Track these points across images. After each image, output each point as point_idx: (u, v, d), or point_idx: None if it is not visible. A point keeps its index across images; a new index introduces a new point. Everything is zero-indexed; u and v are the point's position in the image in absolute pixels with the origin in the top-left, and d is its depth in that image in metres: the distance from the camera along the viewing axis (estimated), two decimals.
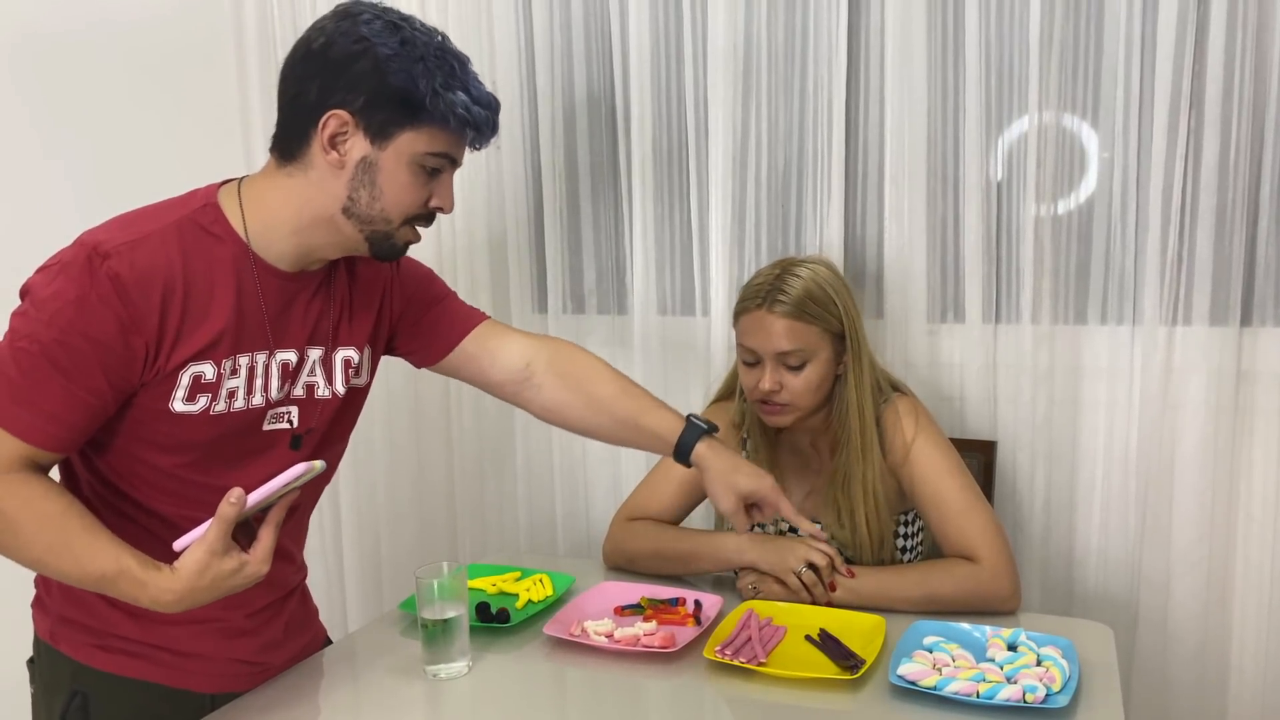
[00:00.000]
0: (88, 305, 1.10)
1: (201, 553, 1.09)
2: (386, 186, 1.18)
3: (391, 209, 1.20)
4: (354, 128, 1.15)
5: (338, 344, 1.32)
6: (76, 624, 1.26)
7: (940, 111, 1.81)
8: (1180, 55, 1.63)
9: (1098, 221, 1.77)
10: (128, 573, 1.10)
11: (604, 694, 1.33)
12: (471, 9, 2.08)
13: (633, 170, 2.00)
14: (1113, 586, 1.80)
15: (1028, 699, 1.19)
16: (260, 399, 1.24)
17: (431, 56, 1.15)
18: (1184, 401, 1.71)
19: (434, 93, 1.14)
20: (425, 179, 1.20)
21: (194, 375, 1.18)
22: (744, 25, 1.88)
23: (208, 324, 1.17)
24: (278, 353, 1.25)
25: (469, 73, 1.19)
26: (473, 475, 2.25)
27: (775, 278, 1.54)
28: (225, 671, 1.33)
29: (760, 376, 1.53)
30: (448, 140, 1.18)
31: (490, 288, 2.18)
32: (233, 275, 1.19)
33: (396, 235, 1.23)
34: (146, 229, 1.15)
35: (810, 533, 1.47)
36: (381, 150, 1.17)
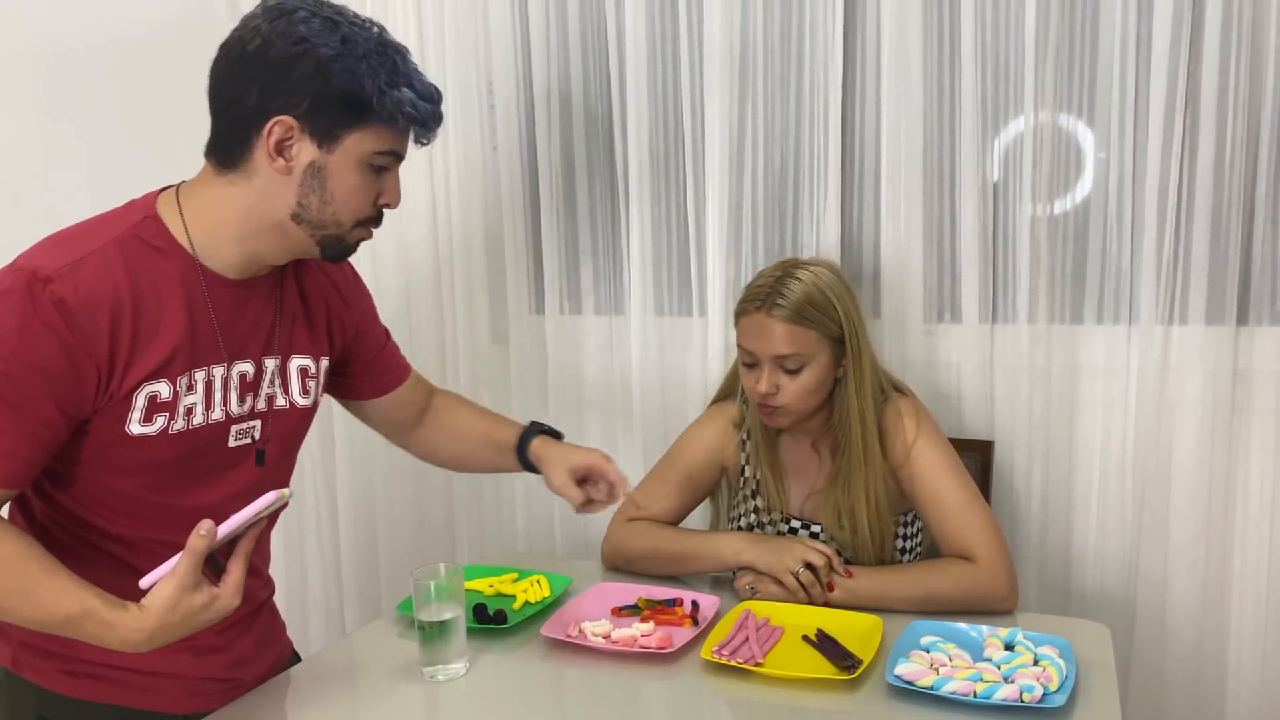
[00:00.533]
0: (32, 333, 1.05)
1: (172, 589, 1.05)
2: (337, 190, 1.15)
3: (343, 212, 1.17)
4: (300, 133, 1.12)
5: (292, 352, 1.30)
6: (39, 650, 1.22)
7: (936, 112, 1.82)
8: (1176, 55, 1.63)
9: (1094, 221, 1.77)
10: (93, 614, 1.05)
11: (601, 695, 1.33)
12: (468, 9, 2.08)
13: (629, 171, 2.00)
14: (1110, 586, 1.81)
15: (1025, 698, 1.19)
16: (220, 413, 1.21)
17: (374, 54, 1.11)
18: (1181, 401, 1.71)
19: (379, 92, 1.11)
20: (374, 178, 1.18)
21: (149, 395, 1.14)
22: (740, 25, 1.89)
23: (159, 342, 1.13)
24: (235, 365, 1.22)
25: (410, 66, 1.16)
26: (470, 476, 2.25)
27: (776, 280, 1.53)
28: (196, 690, 1.29)
29: (758, 378, 1.53)
30: (395, 138, 1.16)
31: (487, 289, 2.18)
32: (181, 289, 1.15)
33: (349, 237, 1.21)
34: (86, 248, 1.10)
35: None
36: (330, 154, 1.13)
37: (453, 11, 2.08)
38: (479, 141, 2.13)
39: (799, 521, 1.65)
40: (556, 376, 2.14)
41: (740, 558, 1.54)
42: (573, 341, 2.14)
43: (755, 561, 1.52)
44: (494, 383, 2.21)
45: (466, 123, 2.12)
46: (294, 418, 1.32)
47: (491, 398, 2.21)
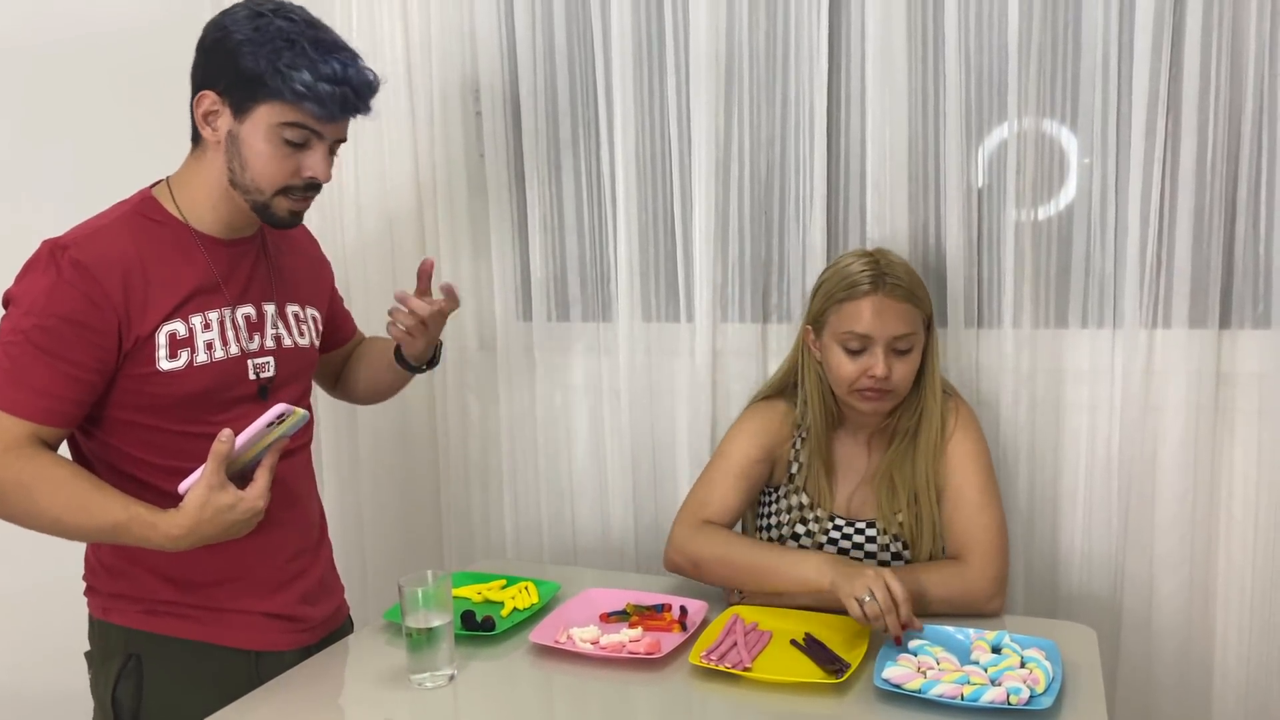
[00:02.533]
0: (58, 290, 1.25)
1: (201, 489, 1.22)
2: (250, 158, 1.33)
3: (259, 179, 1.34)
4: (222, 105, 1.32)
5: (285, 299, 1.49)
6: (126, 597, 1.39)
7: (921, 117, 1.82)
8: (1157, 60, 1.64)
9: (1078, 226, 1.78)
10: (138, 517, 1.23)
11: (590, 701, 1.33)
12: (454, 16, 2.08)
13: (616, 177, 2.00)
14: (1096, 588, 1.81)
15: (1012, 701, 1.20)
16: (236, 349, 1.40)
17: (281, 40, 1.28)
18: (1165, 404, 1.72)
19: (275, 71, 1.28)
20: (288, 150, 1.33)
21: (169, 334, 1.32)
22: (725, 32, 1.89)
23: (169, 290, 1.33)
24: (238, 308, 1.41)
25: (327, 52, 1.30)
26: (458, 483, 2.24)
27: (874, 264, 1.54)
28: (265, 627, 1.44)
29: (870, 364, 1.51)
30: (298, 113, 1.30)
31: (475, 295, 2.18)
32: (181, 250, 1.36)
33: (273, 205, 1.36)
34: (98, 224, 1.33)
35: None
36: (241, 124, 1.32)
37: (439, 19, 2.08)
38: (465, 149, 2.14)
39: (844, 520, 1.64)
40: (544, 383, 2.14)
41: (823, 579, 1.42)
42: (560, 347, 2.14)
43: (837, 584, 1.39)
44: (482, 389, 2.21)
45: (452, 130, 2.12)
46: (300, 357, 1.51)
47: (479, 404, 2.21)
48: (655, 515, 2.07)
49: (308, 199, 1.40)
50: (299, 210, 1.40)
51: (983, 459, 1.58)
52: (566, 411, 2.14)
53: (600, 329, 2.10)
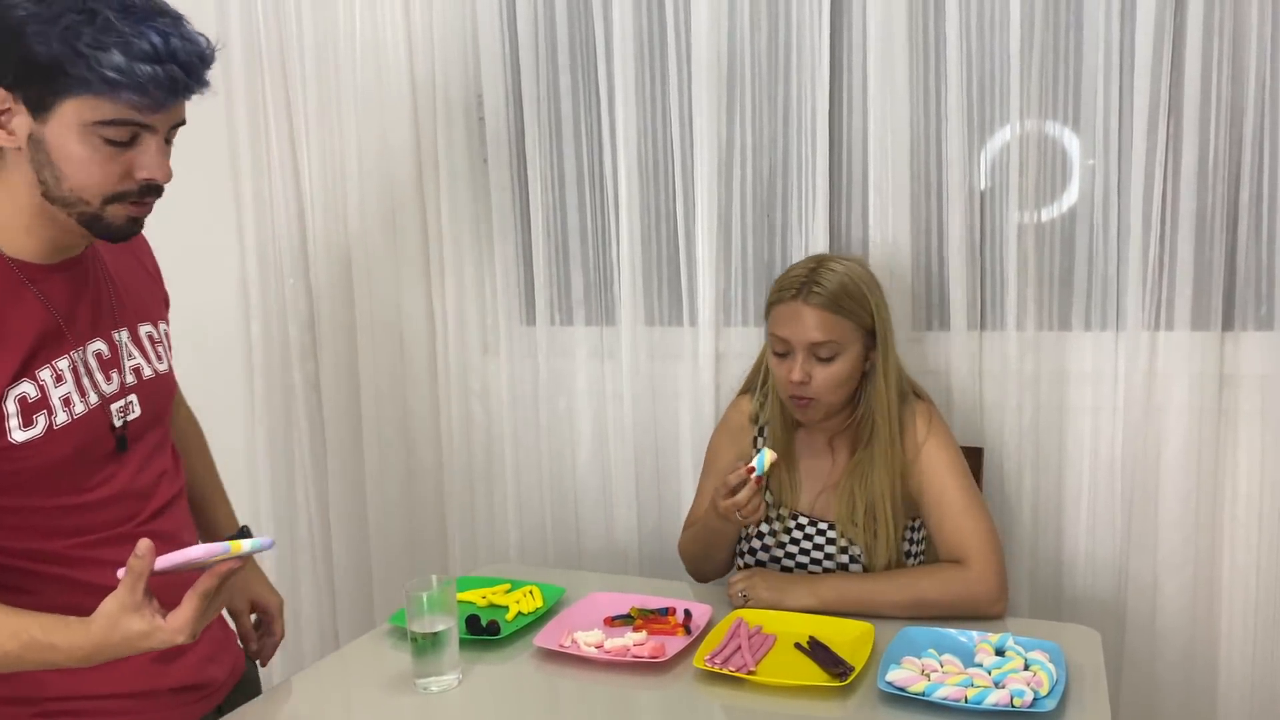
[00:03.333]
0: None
1: (113, 606, 1.01)
2: (63, 164, 1.06)
3: (81, 189, 1.07)
4: (14, 102, 1.04)
5: (135, 321, 1.26)
6: (15, 700, 1.16)
7: (923, 120, 1.83)
8: (1159, 63, 1.65)
9: (1080, 228, 1.78)
10: (34, 644, 1.03)
11: (595, 705, 1.33)
12: (456, 22, 2.09)
13: (619, 181, 2.01)
14: (1100, 590, 1.81)
15: (1015, 703, 1.20)
16: (95, 396, 1.17)
17: (75, 12, 1.00)
18: (1168, 406, 1.72)
19: (75, 55, 1.00)
20: (112, 150, 1.06)
21: (18, 399, 1.09)
22: (727, 36, 1.90)
23: (8, 345, 1.09)
24: (89, 345, 1.18)
25: (139, 22, 1.02)
26: (463, 488, 2.25)
27: (811, 270, 1.56)
28: (175, 703, 1.26)
29: (791, 367, 1.55)
30: (116, 106, 1.03)
31: (478, 300, 2.19)
32: (7, 290, 1.10)
33: (106, 215, 1.09)
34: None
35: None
36: (44, 125, 1.04)
37: (441, 24, 2.09)
38: (468, 153, 2.14)
39: (806, 519, 1.65)
40: (548, 387, 2.14)
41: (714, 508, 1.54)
42: (564, 352, 2.14)
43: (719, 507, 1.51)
44: (485, 394, 2.21)
45: (455, 135, 2.13)
46: (163, 386, 1.28)
47: (483, 409, 2.22)
48: (659, 518, 2.08)
49: (147, 203, 1.12)
50: (139, 216, 1.12)
51: (958, 463, 1.58)
52: (570, 415, 2.15)
53: (603, 333, 2.10)
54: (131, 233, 1.14)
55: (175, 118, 1.10)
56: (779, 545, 1.66)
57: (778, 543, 1.66)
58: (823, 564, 1.62)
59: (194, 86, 1.07)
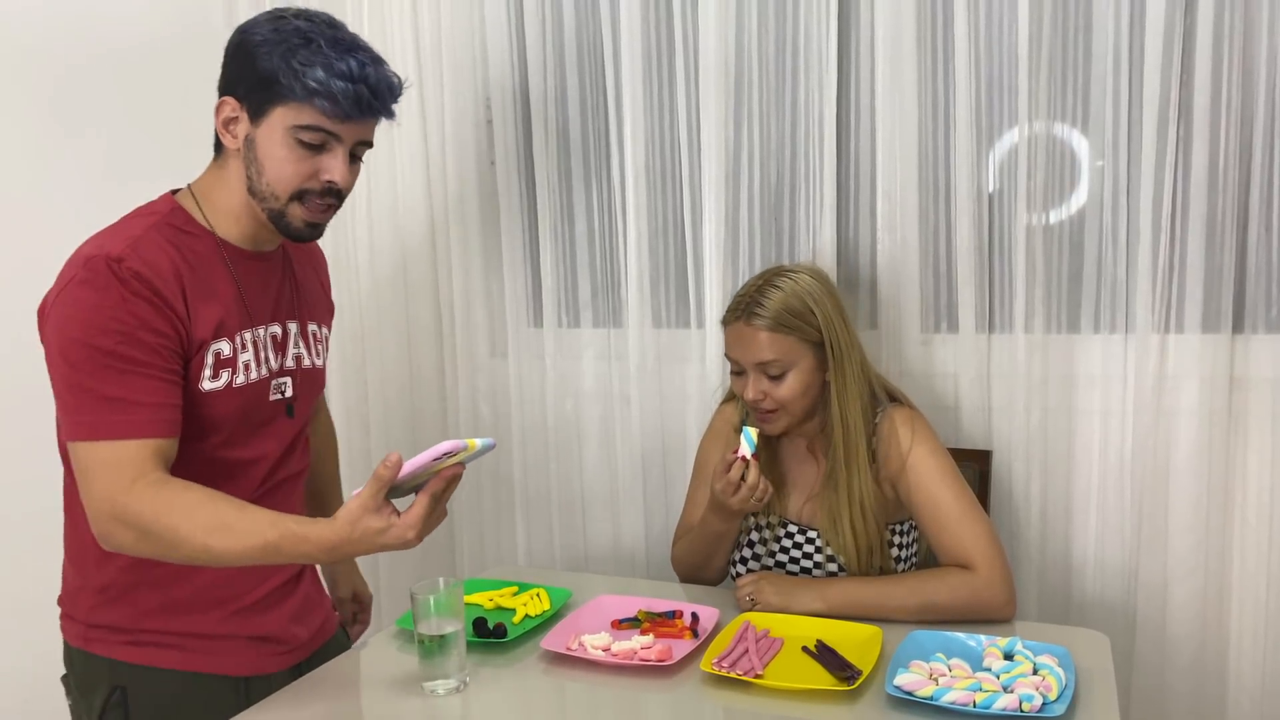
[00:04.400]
0: (129, 303, 1.20)
1: (355, 506, 1.18)
2: (266, 161, 1.28)
3: (275, 183, 1.28)
4: (240, 110, 1.28)
5: (307, 318, 1.46)
6: (107, 626, 1.33)
7: (931, 123, 1.83)
8: (1168, 65, 1.64)
9: (1089, 230, 1.77)
10: (289, 533, 1.19)
11: (602, 708, 1.33)
12: (465, 25, 2.10)
13: (626, 184, 2.01)
14: (1109, 594, 1.81)
15: (1024, 708, 1.19)
16: (265, 370, 1.37)
17: (297, 38, 1.24)
18: (1178, 409, 1.71)
19: (288, 69, 1.23)
20: (304, 153, 1.27)
21: (215, 352, 1.29)
22: (735, 39, 1.90)
23: (214, 305, 1.29)
24: (269, 326, 1.38)
25: (344, 51, 1.25)
26: (470, 490, 2.25)
27: (756, 290, 1.56)
28: (254, 651, 1.39)
29: (745, 385, 1.57)
30: (314, 114, 1.25)
31: (486, 302, 2.19)
32: (216, 263, 1.32)
33: (288, 213, 1.30)
34: (133, 234, 1.26)
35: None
36: (258, 128, 1.27)
37: (450, 28, 2.09)
38: (476, 157, 2.14)
39: (795, 526, 1.65)
40: (555, 389, 2.14)
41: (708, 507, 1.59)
42: (571, 354, 2.14)
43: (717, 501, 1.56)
44: (493, 395, 2.22)
45: (464, 138, 2.13)
46: (315, 376, 1.48)
47: (491, 411, 2.22)
48: (666, 521, 2.07)
49: (327, 208, 1.32)
50: (316, 222, 1.33)
51: (947, 468, 1.56)
52: (577, 417, 2.15)
53: (611, 335, 2.11)
54: (309, 235, 1.35)
55: (361, 134, 1.31)
56: (770, 554, 1.66)
57: (768, 551, 1.66)
58: (813, 571, 1.63)
59: (378, 108, 1.29)
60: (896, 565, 1.64)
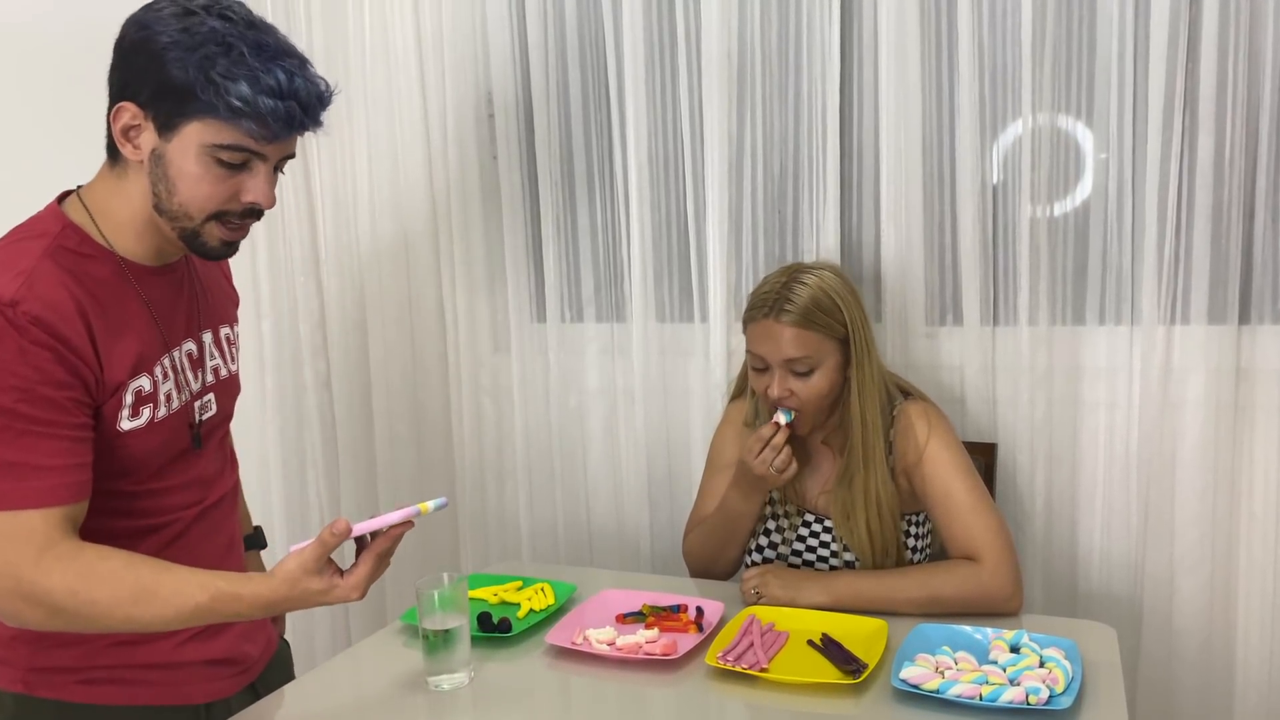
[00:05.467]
0: (27, 355, 1.07)
1: (295, 566, 1.12)
2: (178, 180, 1.14)
3: (188, 204, 1.15)
4: (144, 119, 1.13)
5: (217, 323, 1.35)
6: (53, 668, 1.22)
7: (935, 114, 1.82)
8: (1174, 55, 1.63)
9: (1094, 222, 1.77)
10: (220, 594, 1.11)
11: (607, 702, 1.33)
12: (466, 19, 2.09)
13: (629, 178, 2.00)
14: (1116, 586, 1.80)
15: (1031, 701, 1.19)
16: (186, 395, 1.26)
17: (214, 43, 1.09)
18: (1184, 400, 1.71)
19: (207, 82, 1.08)
20: (223, 172, 1.14)
21: (135, 390, 1.18)
22: (737, 31, 1.89)
23: (128, 340, 1.17)
24: (183, 345, 1.27)
25: (270, 59, 1.11)
26: (474, 485, 2.25)
27: (782, 285, 1.55)
28: (211, 675, 1.32)
29: (769, 383, 1.55)
30: (235, 133, 1.11)
31: (488, 297, 2.19)
32: (122, 288, 1.19)
33: (203, 233, 1.17)
34: (23, 267, 1.11)
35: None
36: (168, 143, 1.13)
37: (451, 22, 2.09)
38: (478, 151, 2.14)
39: (814, 516, 1.65)
40: (559, 384, 2.14)
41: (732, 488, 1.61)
42: (574, 349, 2.14)
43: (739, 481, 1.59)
44: (496, 391, 2.21)
45: (465, 133, 2.13)
46: (233, 385, 1.38)
47: (494, 406, 2.22)
48: (670, 515, 2.07)
49: (244, 226, 1.20)
50: (233, 240, 1.20)
51: (962, 461, 1.56)
52: (581, 413, 2.15)
53: (614, 330, 2.10)
54: (224, 254, 1.22)
55: (286, 150, 1.18)
56: (786, 543, 1.66)
57: (785, 540, 1.66)
58: (829, 561, 1.62)
59: (309, 124, 1.16)
60: (911, 557, 1.64)
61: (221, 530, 1.34)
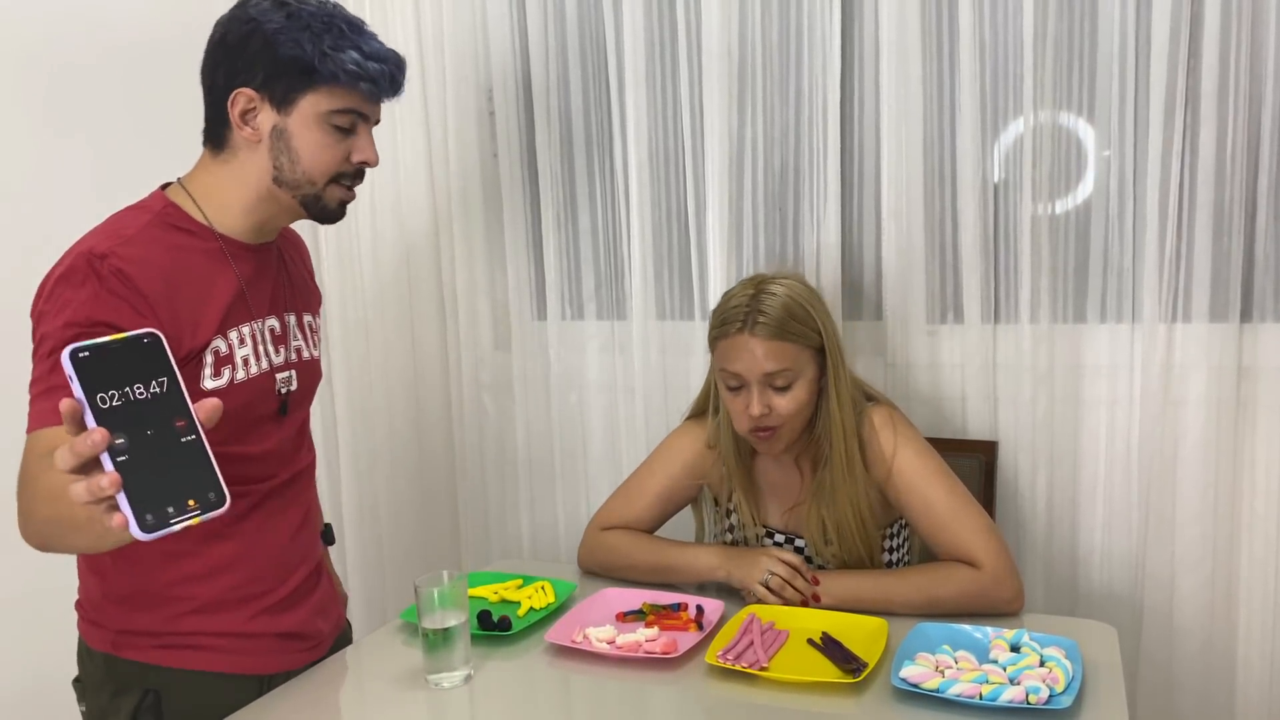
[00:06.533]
0: (100, 299, 1.16)
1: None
2: (302, 150, 1.28)
3: (312, 170, 1.30)
4: (260, 101, 1.27)
5: (302, 309, 1.46)
6: (141, 632, 1.33)
7: (936, 112, 1.81)
8: (1175, 52, 1.63)
9: (1095, 220, 1.76)
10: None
11: (606, 701, 1.33)
12: (466, 17, 2.09)
13: (630, 175, 2.00)
14: (1117, 585, 1.80)
15: (1031, 700, 1.19)
16: (266, 364, 1.36)
17: (318, 23, 1.25)
18: (1185, 398, 1.70)
19: (323, 54, 1.24)
20: (339, 137, 1.30)
21: (214, 350, 1.27)
22: (738, 28, 1.89)
23: (211, 304, 1.27)
24: (266, 320, 1.37)
25: (361, 33, 1.28)
26: (475, 483, 2.25)
27: (751, 298, 1.49)
28: (281, 648, 1.41)
29: (748, 401, 1.49)
30: (348, 96, 1.27)
31: (489, 295, 2.19)
32: (213, 260, 1.30)
33: (325, 196, 1.32)
34: (126, 232, 1.23)
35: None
36: (288, 117, 1.27)
37: (451, 19, 2.09)
38: (478, 148, 2.14)
39: (781, 534, 1.64)
40: (559, 381, 2.14)
41: (715, 575, 1.55)
42: (575, 346, 2.13)
43: (730, 576, 1.53)
44: (497, 388, 2.21)
45: (466, 130, 2.12)
46: (314, 369, 1.48)
47: (495, 403, 2.22)
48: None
49: (354, 187, 1.36)
50: (348, 200, 1.36)
51: (935, 466, 1.52)
52: (582, 410, 2.14)
53: (615, 327, 2.10)
54: (341, 215, 1.36)
55: (379, 112, 1.34)
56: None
57: None
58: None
59: (400, 85, 1.33)
60: (890, 569, 1.63)
61: (293, 508, 1.42)
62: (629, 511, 1.68)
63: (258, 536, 1.36)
